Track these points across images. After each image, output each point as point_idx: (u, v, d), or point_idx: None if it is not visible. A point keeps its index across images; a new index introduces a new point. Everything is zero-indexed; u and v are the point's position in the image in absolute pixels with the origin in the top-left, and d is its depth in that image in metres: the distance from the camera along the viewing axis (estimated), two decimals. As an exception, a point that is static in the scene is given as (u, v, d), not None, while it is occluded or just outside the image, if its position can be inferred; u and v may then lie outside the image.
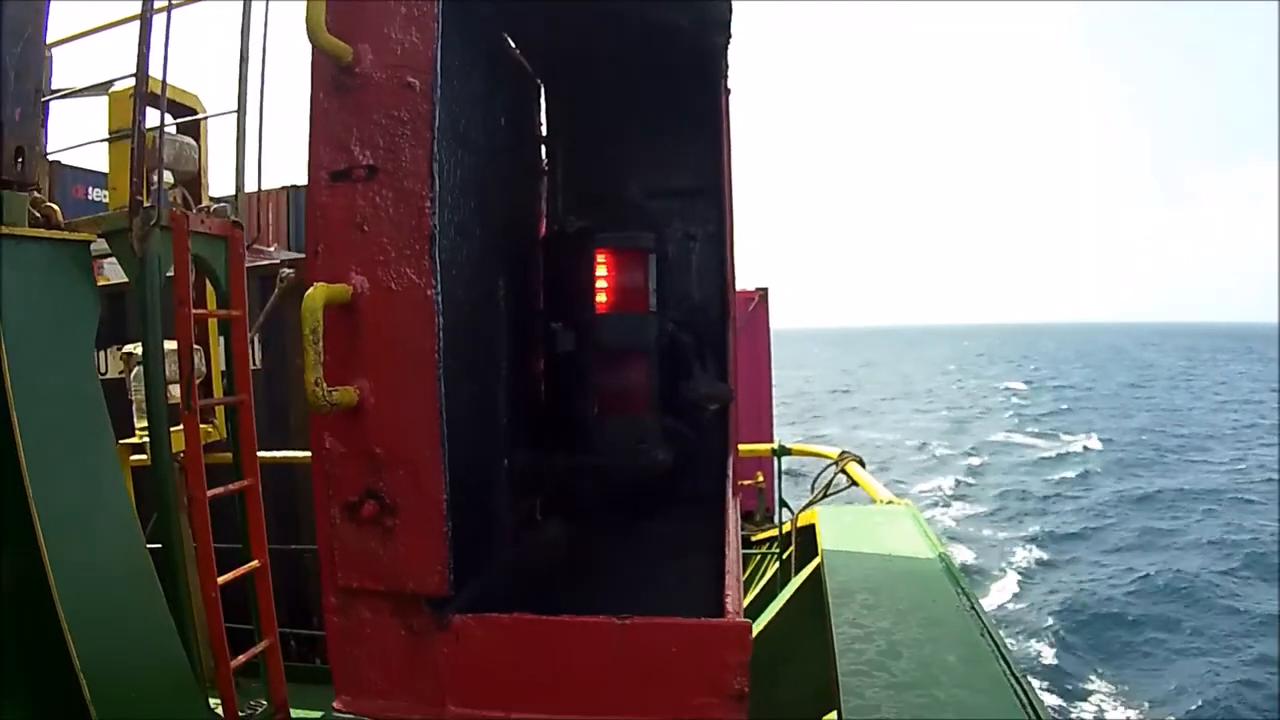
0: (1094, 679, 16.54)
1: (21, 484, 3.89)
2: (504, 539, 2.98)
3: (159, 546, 4.97)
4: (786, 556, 6.97)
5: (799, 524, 6.59)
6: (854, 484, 7.13)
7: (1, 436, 3.88)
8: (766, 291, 14.48)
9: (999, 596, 21.28)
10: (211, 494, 4.97)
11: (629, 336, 3.41)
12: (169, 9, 4.87)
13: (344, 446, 2.04)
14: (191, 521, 5.02)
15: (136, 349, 6.33)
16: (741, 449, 4.92)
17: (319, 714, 6.09)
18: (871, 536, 5.10)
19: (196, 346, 4.99)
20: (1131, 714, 15.22)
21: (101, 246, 4.90)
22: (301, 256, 8.60)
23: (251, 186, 5.73)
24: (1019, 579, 22.73)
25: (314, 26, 1.91)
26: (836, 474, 7.22)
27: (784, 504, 8.02)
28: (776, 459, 8.70)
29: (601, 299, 3.36)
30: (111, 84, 5.48)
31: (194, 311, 4.98)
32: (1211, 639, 18.08)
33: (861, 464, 7.37)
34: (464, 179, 2.42)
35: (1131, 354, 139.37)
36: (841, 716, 2.85)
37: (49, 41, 4.97)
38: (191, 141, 5.99)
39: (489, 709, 2.05)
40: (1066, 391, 75.17)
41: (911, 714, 2.78)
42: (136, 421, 6.40)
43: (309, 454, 5.98)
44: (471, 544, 2.13)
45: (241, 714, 5.17)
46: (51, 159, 7.45)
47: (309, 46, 2.00)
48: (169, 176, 5.23)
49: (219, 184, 6.51)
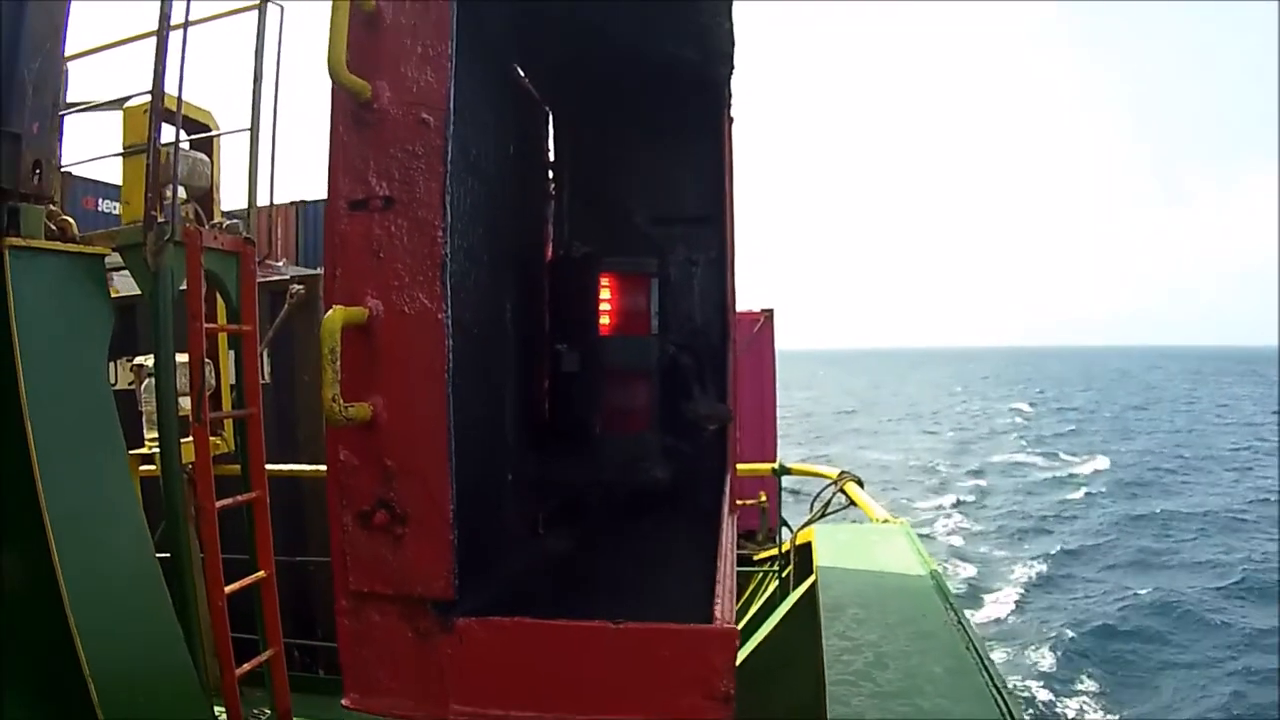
0: (1085, 692, 16.65)
1: (34, 488, 3.95)
2: (507, 549, 3.07)
3: (167, 556, 5.02)
4: (785, 574, 7.05)
5: (797, 542, 6.67)
6: (852, 503, 7.20)
7: (15, 443, 3.95)
8: (772, 313, 14.46)
9: (998, 611, 21.29)
10: (220, 505, 5.03)
11: (631, 358, 3.53)
12: (185, 26, 4.93)
13: (358, 458, 2.14)
14: (200, 532, 5.09)
15: (147, 361, 6.43)
16: (742, 468, 5.01)
17: None
18: (865, 554, 5.20)
19: (207, 360, 5.04)
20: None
21: (114, 259, 4.94)
22: (311, 273, 8.71)
23: (262, 201, 5.83)
24: (1019, 595, 22.74)
25: (335, 64, 2.03)
26: (835, 494, 7.29)
27: (784, 523, 8.09)
28: (777, 478, 8.74)
29: (605, 321, 3.48)
30: (127, 99, 5.55)
31: (205, 326, 5.03)
32: (1202, 654, 18.17)
33: (860, 484, 7.42)
34: (474, 205, 2.53)
35: (1137, 377, 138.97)
36: None
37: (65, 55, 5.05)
38: (204, 157, 6.02)
39: (490, 707, 2.15)
40: (1070, 414, 74.93)
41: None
42: (146, 433, 6.48)
43: (315, 467, 6.07)
44: (476, 552, 2.23)
45: (245, 722, 5.21)
46: (63, 171, 7.55)
47: (329, 81, 2.12)
48: (182, 192, 5.29)
49: (229, 198, 6.60)
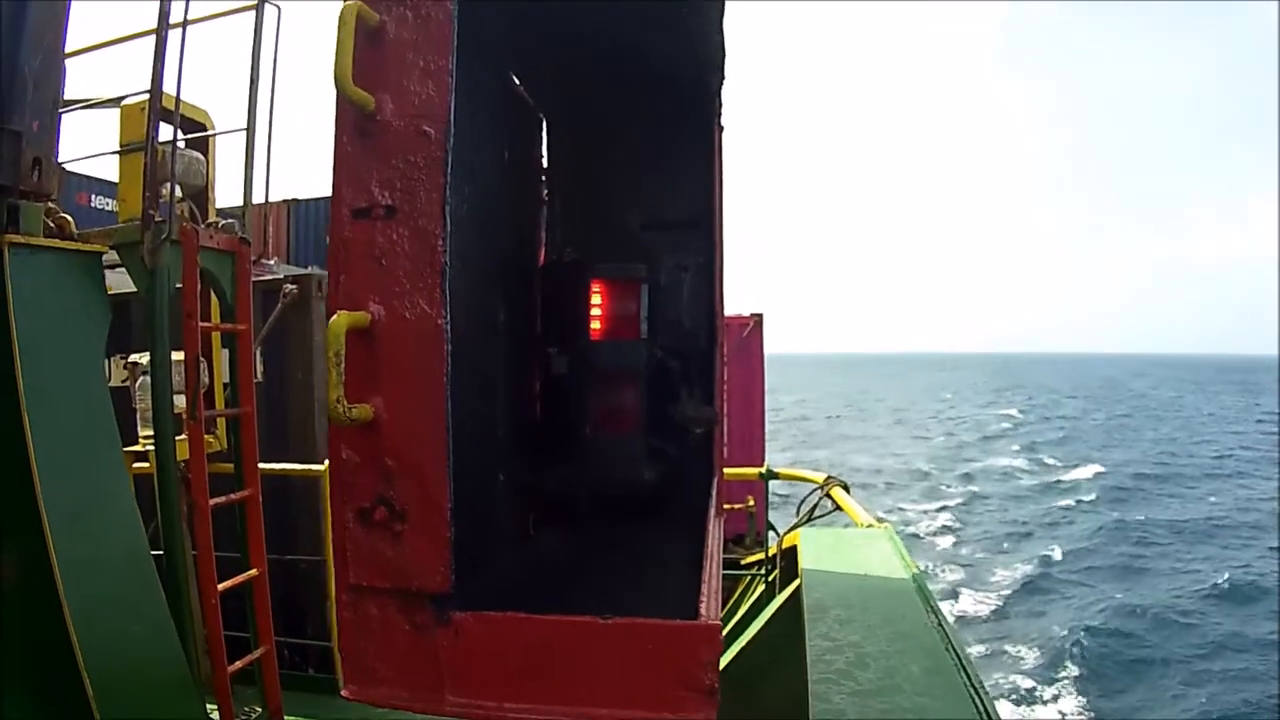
0: (1063, 691, 17.11)
1: (31, 484, 3.99)
2: (499, 548, 3.14)
3: (160, 553, 5.06)
4: (772, 578, 7.12)
5: (784, 545, 6.75)
6: (838, 508, 7.27)
7: (13, 437, 3.99)
8: (761, 317, 14.52)
9: (982, 613, 21.67)
10: (213, 503, 5.07)
11: (621, 362, 3.60)
12: (184, 24, 4.96)
13: (359, 457, 2.21)
14: (193, 529, 5.12)
15: (141, 358, 6.45)
16: (730, 472, 5.08)
17: None
18: (849, 557, 5.28)
19: (201, 358, 5.09)
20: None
21: (109, 257, 4.95)
22: (303, 272, 8.73)
23: (256, 200, 5.87)
24: (1003, 599, 23.09)
25: (342, 78, 2.10)
26: (822, 498, 7.36)
27: (771, 527, 8.16)
28: (765, 482, 8.80)
29: (596, 326, 3.55)
30: (124, 97, 5.58)
31: (201, 324, 5.08)
32: (1180, 656, 18.68)
33: (846, 489, 7.49)
34: (470, 211, 2.60)
35: (1124, 384, 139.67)
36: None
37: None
38: (200, 156, 6.06)
39: (484, 698, 2.22)
40: (1059, 420, 75.30)
41: (875, 716, 2.97)
42: (140, 430, 6.51)
43: (307, 466, 6.12)
44: (470, 548, 2.30)
45: (237, 719, 5.26)
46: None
47: (333, 91, 2.19)
48: (178, 190, 5.32)
49: (223, 195, 6.63)
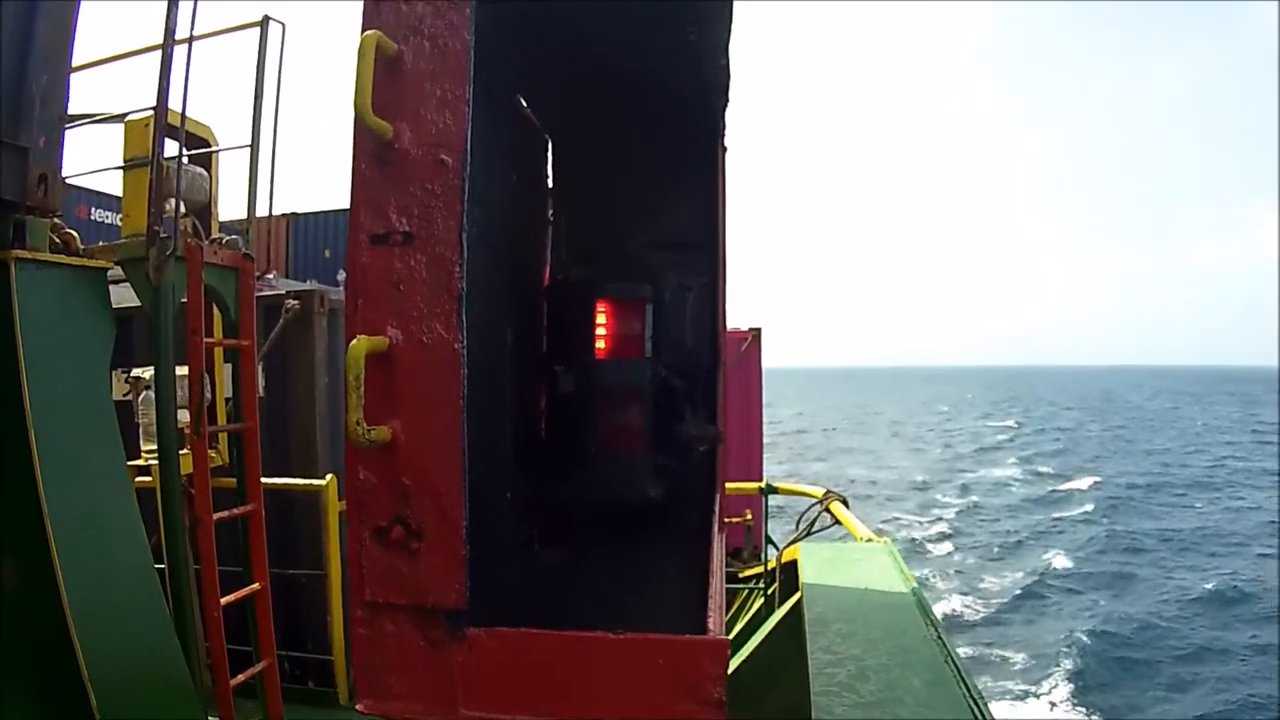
0: (1059, 701, 17.30)
1: (36, 496, 4.02)
2: (506, 565, 3.18)
3: (163, 567, 5.08)
4: (771, 591, 7.15)
5: (783, 560, 6.79)
6: (837, 522, 7.30)
7: (18, 451, 4.02)
8: (759, 332, 14.52)
9: (980, 626, 21.75)
10: (216, 517, 5.11)
11: (626, 380, 3.65)
12: (190, 40, 4.99)
13: (376, 478, 2.25)
14: (196, 543, 5.16)
15: (144, 373, 6.48)
16: (729, 487, 5.12)
17: None
18: (849, 571, 5.32)
19: (204, 373, 5.11)
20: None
21: (113, 271, 4.96)
22: (304, 287, 8.77)
23: (258, 215, 5.91)
24: (1001, 610, 23.21)
25: (361, 107, 2.15)
26: (820, 512, 7.39)
27: (770, 541, 8.19)
28: (764, 497, 8.84)
29: (601, 345, 3.60)
30: (128, 113, 5.61)
31: (205, 340, 5.12)
32: (1178, 669, 18.90)
33: (845, 503, 7.53)
34: (479, 234, 2.65)
35: (1121, 397, 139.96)
36: None
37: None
38: (203, 172, 6.08)
39: (497, 712, 2.27)
40: (1056, 433, 75.51)
41: None
42: (143, 444, 6.54)
43: (308, 481, 6.16)
44: (480, 566, 2.34)
45: (238, 731, 5.28)
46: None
47: (352, 120, 2.24)
48: (182, 206, 5.35)
49: (224, 209, 6.67)
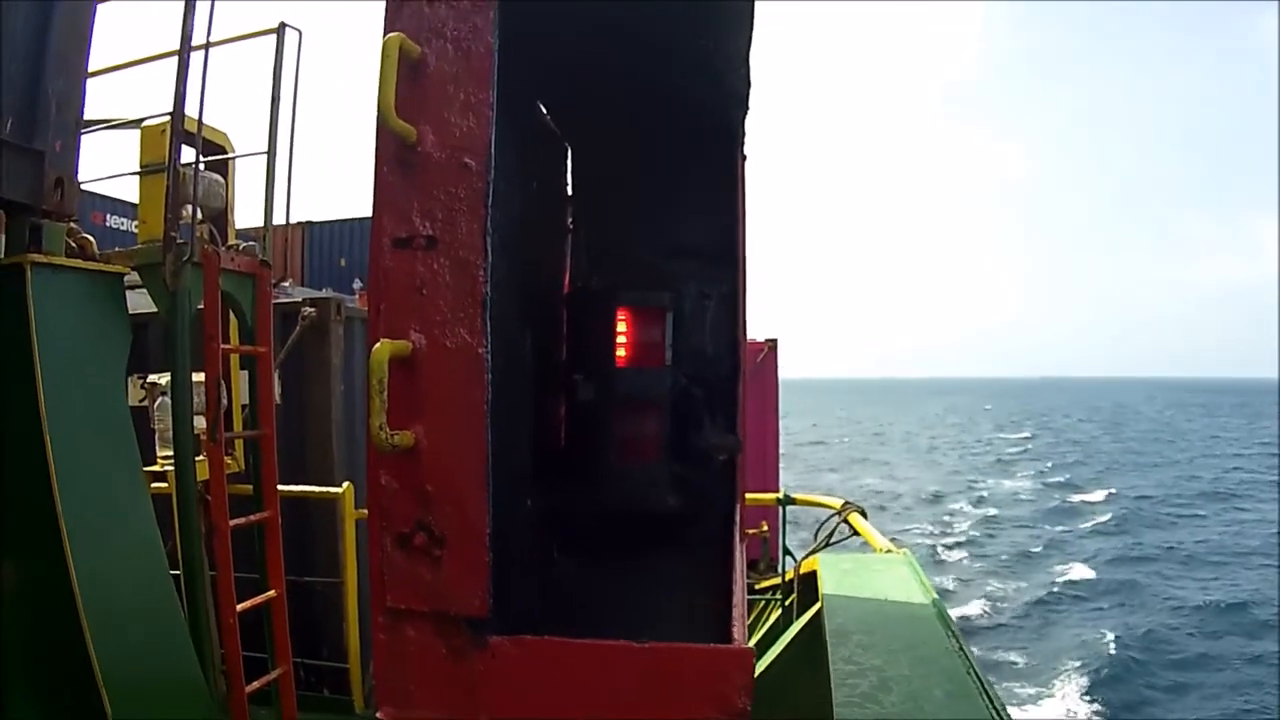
0: (1071, 702, 17.58)
1: (52, 501, 4.04)
2: (525, 574, 3.15)
3: (178, 574, 5.09)
4: (789, 602, 7.11)
5: (801, 571, 6.75)
6: (855, 534, 7.25)
7: (34, 456, 4.04)
8: (776, 343, 14.52)
9: (997, 636, 22.05)
10: (232, 524, 5.10)
11: (646, 389, 3.63)
12: (206, 47, 5.01)
13: (398, 483, 2.23)
14: (212, 550, 5.15)
15: (160, 379, 6.49)
16: (747, 498, 5.09)
17: None
18: (869, 583, 5.29)
19: (220, 380, 5.11)
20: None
21: (129, 277, 5.01)
22: (320, 295, 8.80)
23: (274, 222, 5.92)
24: (1018, 621, 23.53)
25: (385, 110, 2.13)
26: (839, 523, 7.34)
27: (788, 552, 8.15)
28: (781, 508, 8.79)
29: (621, 353, 3.57)
30: (144, 119, 5.61)
31: (222, 347, 5.13)
32: (1198, 683, 18.88)
33: (864, 514, 7.47)
34: (500, 241, 2.64)
35: (1135, 409, 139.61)
36: None
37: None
38: (220, 178, 6.10)
39: None
40: (1072, 446, 75.36)
41: None
42: (159, 450, 6.55)
43: (324, 489, 6.15)
44: (500, 574, 2.31)
45: (254, 739, 5.25)
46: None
47: (375, 124, 2.22)
48: (198, 212, 5.36)
49: (240, 218, 6.69)
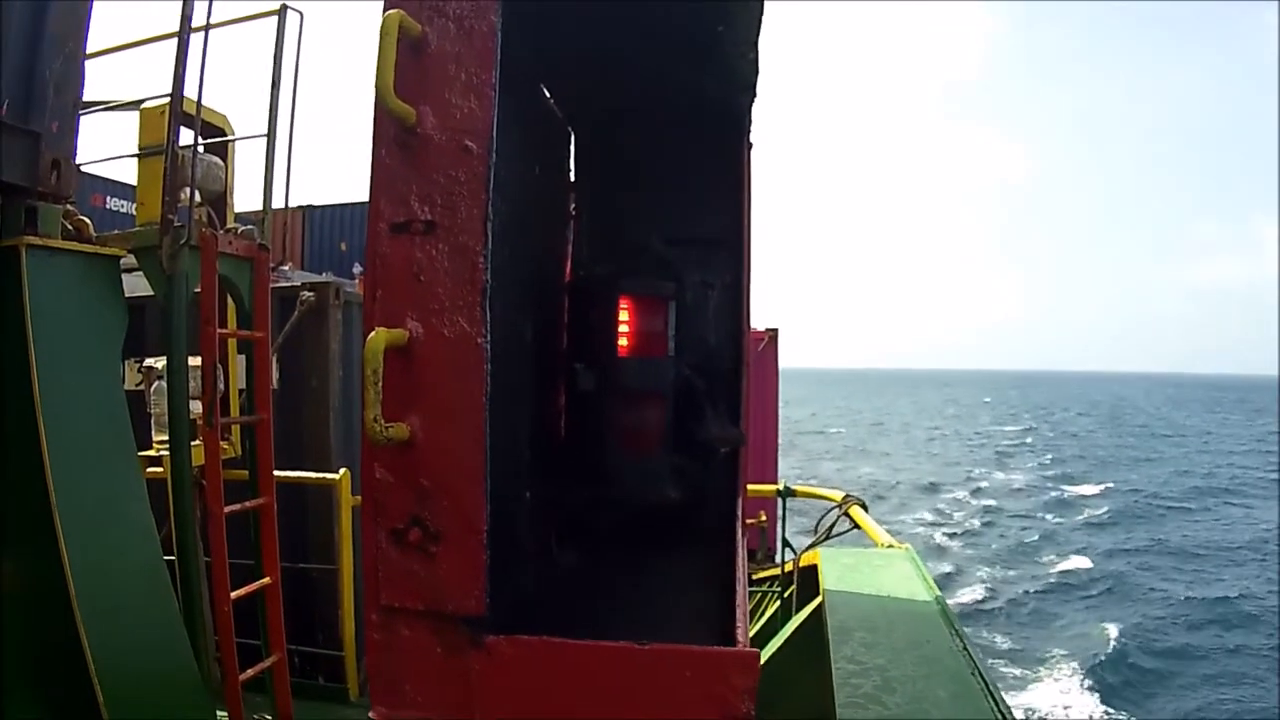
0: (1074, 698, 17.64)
1: (45, 487, 3.97)
2: (523, 567, 3.10)
3: (172, 559, 5.04)
4: (788, 595, 7.06)
5: (800, 564, 6.70)
6: (856, 527, 7.19)
7: (28, 441, 3.98)
8: (776, 332, 14.41)
9: (988, 619, 22.47)
10: (228, 510, 5.04)
11: (648, 379, 3.57)
12: (206, 28, 4.95)
13: (393, 477, 2.16)
14: (207, 536, 5.09)
15: (156, 363, 6.43)
16: (749, 489, 5.05)
17: None
18: (871, 578, 5.24)
19: (217, 365, 5.07)
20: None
21: (127, 260, 4.95)
22: (319, 279, 8.74)
23: (274, 206, 5.86)
24: (1015, 614, 23.67)
25: (384, 90, 2.06)
26: (839, 517, 7.29)
27: (787, 544, 8.10)
28: (781, 500, 8.74)
29: (623, 343, 3.51)
30: (144, 100, 5.55)
31: (219, 331, 5.06)
32: (1200, 678, 19.00)
33: (864, 507, 7.42)
34: (501, 226, 2.58)
35: (1133, 404, 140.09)
36: None
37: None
38: (219, 161, 6.04)
39: None
40: (1069, 439, 75.63)
41: None
42: (154, 435, 6.50)
43: (320, 475, 6.09)
44: (497, 569, 2.26)
45: (247, 726, 5.21)
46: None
47: (372, 104, 2.15)
48: (197, 195, 5.30)
49: (240, 201, 6.64)
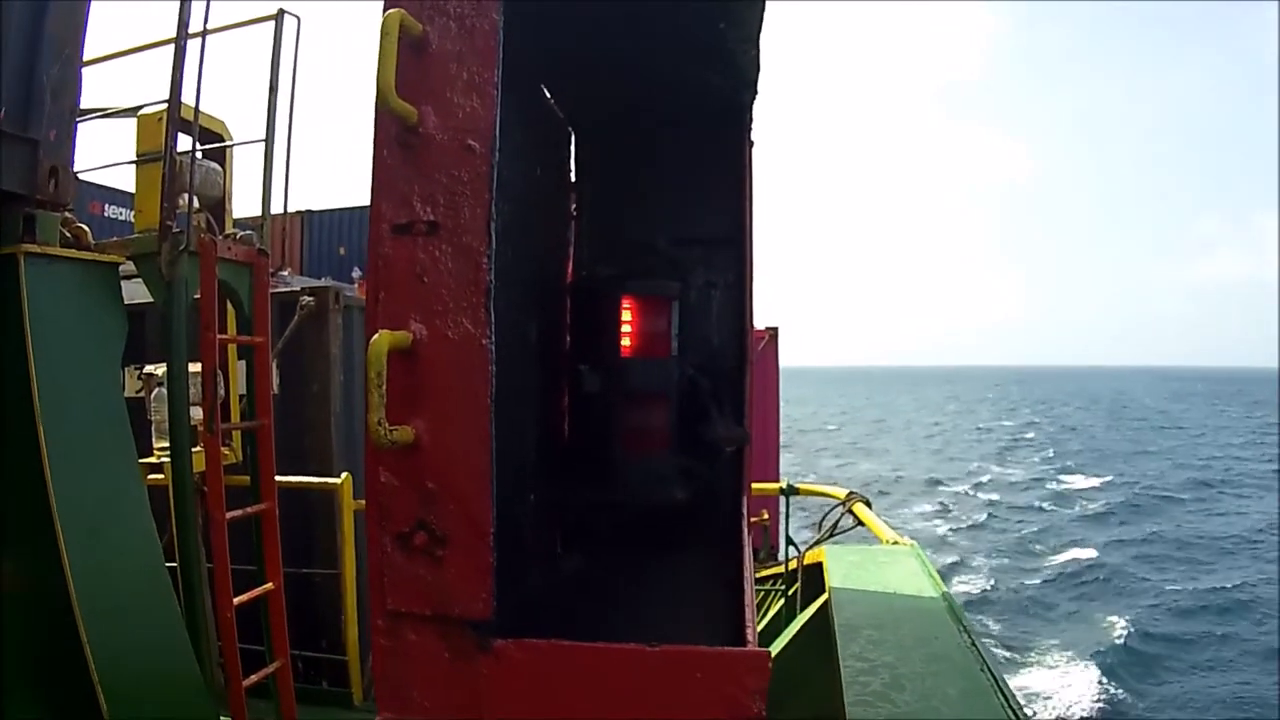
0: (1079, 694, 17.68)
1: (46, 494, 3.95)
2: (528, 569, 3.09)
3: (174, 565, 5.02)
4: (791, 593, 7.05)
5: (805, 562, 6.69)
6: (860, 524, 7.18)
7: (28, 448, 3.96)
8: (776, 331, 14.40)
9: (984, 607, 22.62)
10: (230, 516, 5.04)
11: (652, 380, 3.55)
12: (203, 34, 4.94)
13: (398, 481, 2.15)
14: (209, 542, 5.09)
15: (157, 370, 6.43)
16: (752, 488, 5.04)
17: None
18: (877, 575, 5.23)
19: (218, 370, 5.06)
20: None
21: (126, 267, 4.92)
22: (319, 284, 8.74)
23: (274, 211, 5.84)
24: (1021, 609, 23.69)
25: (385, 89, 2.04)
26: (843, 514, 7.28)
27: (790, 542, 8.09)
28: (785, 498, 8.73)
29: (626, 343, 3.49)
30: (141, 107, 5.54)
31: (219, 337, 5.06)
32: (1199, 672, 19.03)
33: (868, 505, 7.42)
34: (504, 227, 2.57)
35: (1134, 398, 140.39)
36: None
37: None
38: (217, 167, 6.04)
39: None
40: (1071, 433, 75.84)
41: None
42: (155, 441, 6.50)
43: (323, 480, 6.08)
44: (503, 573, 2.25)
45: (252, 732, 5.21)
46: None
47: (374, 104, 2.13)
48: (195, 201, 5.30)
49: (238, 206, 6.64)
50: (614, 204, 4.07)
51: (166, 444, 5.56)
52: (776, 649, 5.09)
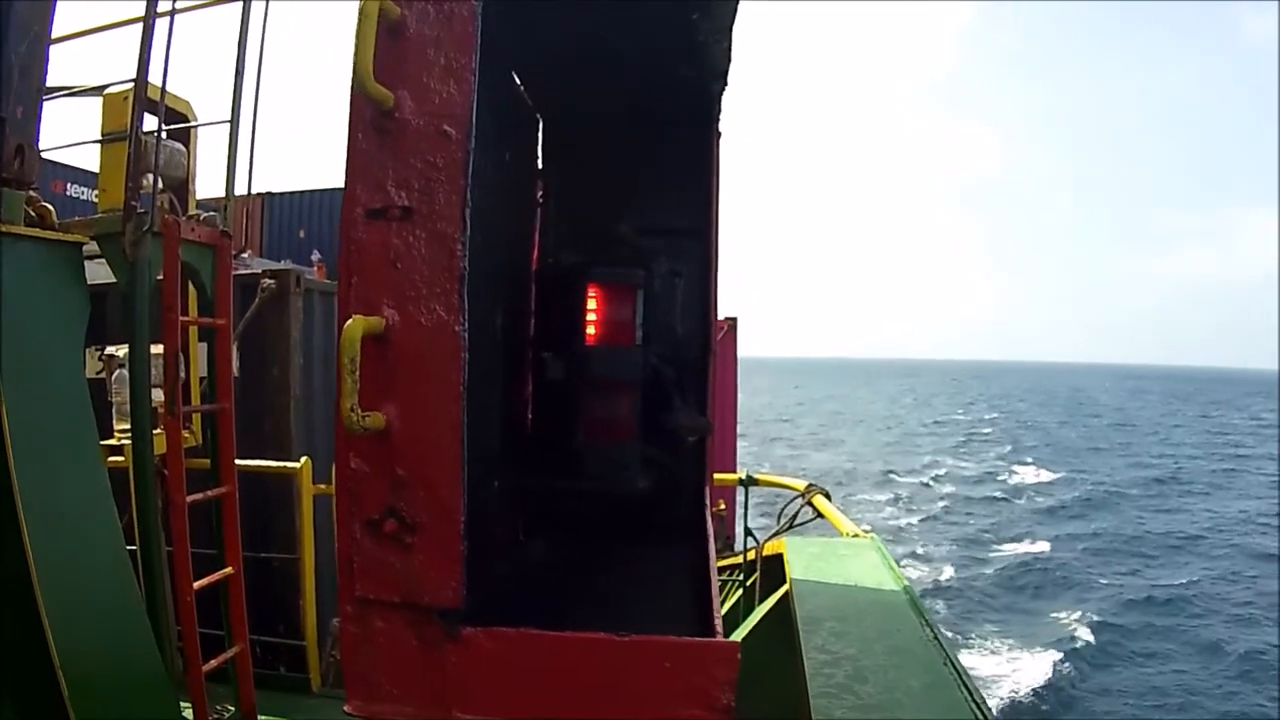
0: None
1: (8, 476, 3.88)
2: (495, 557, 3.09)
3: (134, 549, 4.97)
4: (750, 584, 7.07)
5: (764, 553, 6.71)
6: (820, 516, 7.22)
7: None
8: (735, 321, 14.38)
9: (951, 613, 22.50)
10: (190, 499, 4.97)
11: (616, 368, 3.56)
12: (171, 14, 4.87)
13: (369, 467, 2.14)
14: (169, 526, 5.03)
15: (118, 351, 6.34)
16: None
17: None
18: (838, 568, 5.27)
19: (179, 353, 4.99)
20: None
21: (88, 247, 4.82)
22: (279, 267, 8.65)
23: (237, 193, 5.78)
24: (971, 600, 24.25)
25: (362, 73, 2.03)
26: (802, 506, 7.30)
27: (750, 533, 8.11)
28: (744, 489, 8.76)
29: (591, 331, 3.50)
30: (107, 86, 5.47)
31: (181, 319, 5.00)
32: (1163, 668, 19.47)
33: (828, 497, 7.44)
34: (475, 214, 2.57)
35: (1088, 394, 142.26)
36: None
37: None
38: (181, 147, 5.92)
39: (494, 716, 2.17)
40: (1024, 428, 76.88)
41: None
42: (116, 424, 6.41)
43: (281, 464, 6.02)
44: (473, 560, 2.25)
45: (211, 718, 5.16)
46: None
47: (349, 88, 2.12)
48: (159, 182, 5.22)
49: (201, 188, 6.55)
50: (581, 192, 4.08)
51: (127, 426, 5.48)
52: (738, 638, 5.12)
